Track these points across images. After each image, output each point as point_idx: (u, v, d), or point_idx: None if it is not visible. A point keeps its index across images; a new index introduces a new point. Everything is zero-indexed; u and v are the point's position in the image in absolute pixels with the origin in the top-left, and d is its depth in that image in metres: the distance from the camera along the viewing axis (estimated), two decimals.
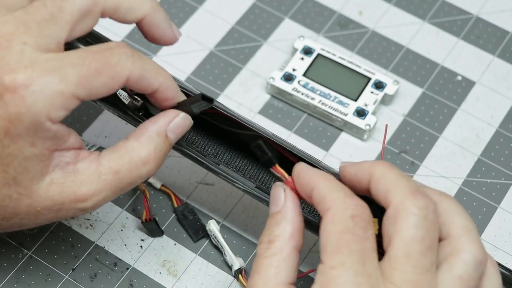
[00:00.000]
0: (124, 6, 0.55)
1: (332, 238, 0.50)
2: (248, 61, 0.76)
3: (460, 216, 0.52)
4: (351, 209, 0.50)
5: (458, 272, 0.50)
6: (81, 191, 0.54)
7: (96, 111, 0.71)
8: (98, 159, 0.54)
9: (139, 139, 0.55)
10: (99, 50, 0.52)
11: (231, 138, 0.63)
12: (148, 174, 0.56)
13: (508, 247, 0.67)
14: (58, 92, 0.50)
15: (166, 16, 0.57)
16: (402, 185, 0.51)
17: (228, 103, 0.73)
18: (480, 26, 0.78)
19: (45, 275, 0.64)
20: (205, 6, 0.79)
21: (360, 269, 0.49)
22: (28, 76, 0.50)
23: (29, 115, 0.50)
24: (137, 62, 0.53)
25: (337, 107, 0.72)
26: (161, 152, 0.56)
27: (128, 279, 0.64)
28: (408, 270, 0.49)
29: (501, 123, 0.73)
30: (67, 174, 0.53)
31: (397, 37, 0.78)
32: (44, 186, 0.53)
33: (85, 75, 0.51)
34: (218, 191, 0.68)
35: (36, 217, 0.54)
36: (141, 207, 0.67)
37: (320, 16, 0.78)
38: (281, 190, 0.55)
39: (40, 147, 0.52)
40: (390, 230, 0.50)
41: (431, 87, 0.75)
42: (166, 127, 0.56)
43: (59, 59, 0.51)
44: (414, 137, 0.72)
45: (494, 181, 0.70)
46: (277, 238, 0.53)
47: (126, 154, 0.55)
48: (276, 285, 0.51)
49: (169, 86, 0.55)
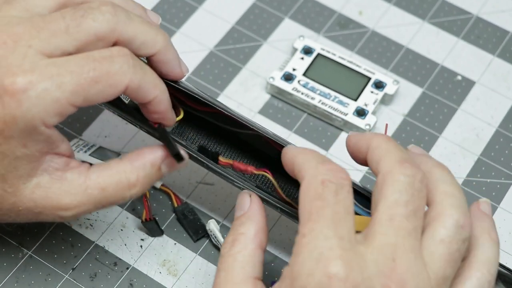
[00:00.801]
0: (138, 40, 0.55)
1: (305, 207, 0.50)
2: (248, 61, 0.76)
3: (447, 183, 0.52)
4: (321, 174, 0.50)
5: (440, 236, 0.50)
6: (65, 200, 0.54)
7: (96, 111, 0.71)
8: (87, 172, 0.55)
9: (133, 163, 0.56)
10: (99, 58, 0.52)
11: (231, 137, 0.63)
12: (131, 197, 0.56)
13: (508, 247, 0.67)
14: (53, 99, 0.51)
15: (176, 54, 0.58)
16: (393, 155, 0.52)
17: (228, 103, 0.73)
18: (480, 26, 0.78)
19: (45, 274, 0.64)
20: (205, 6, 0.79)
21: (330, 233, 0.48)
22: (27, 81, 0.50)
23: (24, 119, 0.51)
24: (137, 72, 0.53)
25: (337, 106, 0.72)
26: (150, 180, 0.57)
27: (128, 278, 0.64)
28: (390, 232, 0.49)
29: (501, 123, 0.73)
30: (54, 180, 0.54)
31: (397, 37, 0.78)
32: (30, 187, 0.54)
33: (82, 83, 0.51)
34: (218, 191, 0.68)
35: (17, 215, 0.55)
36: (141, 206, 0.67)
37: (320, 16, 0.78)
38: (246, 195, 0.56)
39: (32, 149, 0.52)
40: (376, 197, 0.51)
41: (431, 87, 0.75)
42: (162, 160, 0.56)
43: (58, 65, 0.51)
44: (414, 137, 0.72)
45: (494, 181, 0.70)
46: (241, 236, 0.54)
47: (116, 174, 0.55)
48: (242, 279, 0.52)
49: (162, 100, 0.56)
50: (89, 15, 0.53)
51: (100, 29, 0.53)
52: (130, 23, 0.54)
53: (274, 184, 0.60)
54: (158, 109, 0.56)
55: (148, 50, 0.56)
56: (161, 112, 0.56)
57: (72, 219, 0.56)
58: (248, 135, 0.62)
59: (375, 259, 0.49)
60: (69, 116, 0.53)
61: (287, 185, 0.62)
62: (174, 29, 0.77)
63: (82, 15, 0.53)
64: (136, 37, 0.55)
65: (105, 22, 0.53)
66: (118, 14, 0.54)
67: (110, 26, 0.53)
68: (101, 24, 0.53)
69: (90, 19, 0.53)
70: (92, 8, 0.53)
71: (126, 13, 0.54)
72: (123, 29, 0.54)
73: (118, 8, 0.54)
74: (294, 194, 0.62)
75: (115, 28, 0.53)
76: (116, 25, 0.53)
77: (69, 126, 0.70)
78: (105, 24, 0.53)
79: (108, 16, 0.53)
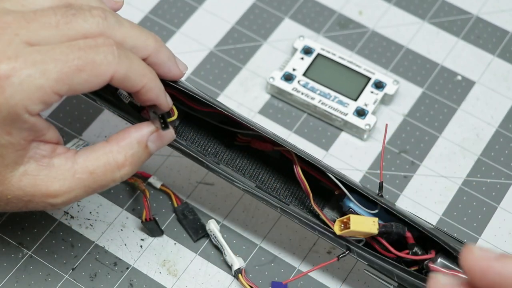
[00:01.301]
0: (128, 44, 0.55)
1: None
2: (248, 61, 0.76)
3: None
4: None
5: None
6: (54, 186, 0.54)
7: (96, 111, 0.71)
8: (74, 157, 0.55)
9: (119, 143, 0.56)
10: (84, 47, 0.52)
11: (231, 137, 0.63)
12: (122, 178, 0.56)
13: (508, 247, 0.67)
14: (37, 86, 0.51)
15: (170, 54, 0.58)
16: None
17: (228, 103, 0.73)
18: (480, 26, 0.78)
19: (45, 274, 0.64)
20: (205, 6, 0.79)
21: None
22: (10, 67, 0.50)
23: (7, 106, 0.51)
24: (123, 62, 0.53)
25: (337, 106, 0.72)
26: (138, 160, 0.56)
27: (128, 278, 0.64)
28: None
29: (501, 123, 0.73)
30: (41, 167, 0.54)
31: (397, 37, 0.78)
32: (18, 175, 0.54)
33: (67, 71, 0.51)
34: (218, 191, 0.68)
35: (6, 204, 0.55)
36: (141, 206, 0.67)
37: (320, 16, 0.78)
38: None
39: (17, 137, 0.52)
40: None
41: (431, 87, 0.75)
42: (148, 137, 0.56)
43: (43, 53, 0.51)
44: (414, 137, 0.72)
45: (494, 181, 0.70)
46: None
47: (103, 155, 0.55)
48: None
49: (152, 88, 0.55)
50: (80, 15, 0.53)
51: (89, 30, 0.53)
52: (119, 28, 0.54)
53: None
54: (149, 97, 0.56)
55: (140, 54, 0.56)
56: (152, 99, 0.56)
57: (62, 206, 0.55)
58: (248, 135, 0.62)
59: None
60: (69, 116, 0.53)
61: (287, 185, 0.62)
62: (174, 29, 0.77)
63: (74, 14, 0.53)
64: (126, 41, 0.55)
65: (94, 24, 0.53)
66: (108, 18, 0.54)
67: (100, 29, 0.53)
68: (90, 25, 0.53)
69: (81, 19, 0.53)
70: (83, 9, 0.53)
71: (116, 17, 0.55)
72: (112, 33, 0.54)
73: (108, 12, 0.54)
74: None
75: (104, 31, 0.53)
76: (106, 29, 0.54)
77: (69, 126, 0.70)
78: (95, 26, 0.53)
79: (98, 19, 0.53)
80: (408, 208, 0.68)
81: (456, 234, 0.67)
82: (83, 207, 0.67)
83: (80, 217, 0.67)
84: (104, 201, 0.67)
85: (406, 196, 0.69)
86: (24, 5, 0.54)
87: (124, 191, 0.68)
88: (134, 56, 0.55)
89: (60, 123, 0.70)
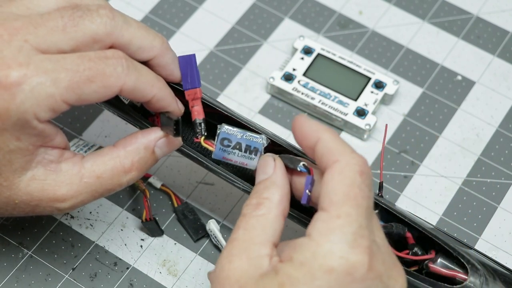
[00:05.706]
0: (135, 45, 0.55)
1: (339, 189, 0.51)
2: (248, 61, 0.76)
3: None
4: (359, 165, 0.51)
5: None
6: (61, 191, 0.54)
7: (96, 111, 0.71)
8: (81, 161, 0.55)
9: (126, 148, 0.56)
10: (94, 58, 0.52)
11: None
12: (128, 183, 0.56)
13: (508, 247, 0.67)
14: (48, 94, 0.51)
15: (174, 56, 0.58)
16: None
17: (228, 103, 0.73)
18: (480, 26, 0.78)
19: (45, 274, 0.64)
20: (205, 6, 0.79)
21: (366, 222, 0.50)
22: (21, 74, 0.51)
23: (17, 112, 0.51)
24: (132, 74, 0.53)
25: (337, 106, 0.72)
26: (145, 165, 0.57)
27: (128, 278, 0.64)
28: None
29: (501, 123, 0.73)
30: (49, 172, 0.54)
31: (397, 37, 0.78)
32: (25, 180, 0.54)
33: (77, 81, 0.52)
34: (218, 191, 0.68)
35: (13, 209, 0.55)
36: (141, 206, 0.67)
37: (320, 16, 0.78)
38: (271, 159, 0.56)
39: (25, 142, 0.52)
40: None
41: (431, 87, 0.75)
42: (155, 143, 0.57)
43: (54, 61, 0.51)
44: (414, 137, 0.72)
45: (494, 180, 0.70)
46: (266, 200, 0.53)
47: (110, 160, 0.56)
48: (262, 241, 0.52)
49: (162, 97, 0.56)
50: (87, 16, 0.53)
51: (96, 31, 0.53)
52: (127, 28, 0.54)
53: None
54: (160, 106, 0.56)
55: (145, 55, 0.56)
56: (163, 108, 0.56)
57: (69, 210, 0.56)
58: None
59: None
60: (69, 116, 0.53)
61: None
62: (174, 29, 0.77)
63: (81, 16, 0.53)
64: (132, 42, 0.55)
65: (102, 25, 0.53)
66: (116, 18, 0.54)
67: (107, 30, 0.53)
68: (98, 26, 0.53)
69: (88, 20, 0.53)
70: (90, 10, 0.53)
71: (124, 17, 0.55)
72: (119, 34, 0.54)
73: (116, 12, 0.54)
74: None
75: (112, 31, 0.54)
76: (113, 29, 0.54)
77: (69, 126, 0.70)
78: (102, 27, 0.53)
79: (105, 20, 0.53)
80: (408, 208, 0.68)
81: (456, 234, 0.67)
82: (83, 207, 0.67)
83: (80, 217, 0.67)
84: (104, 201, 0.67)
85: (406, 196, 0.69)
86: (29, 8, 0.54)
87: (124, 191, 0.68)
88: (143, 67, 0.55)
89: (60, 123, 0.70)
